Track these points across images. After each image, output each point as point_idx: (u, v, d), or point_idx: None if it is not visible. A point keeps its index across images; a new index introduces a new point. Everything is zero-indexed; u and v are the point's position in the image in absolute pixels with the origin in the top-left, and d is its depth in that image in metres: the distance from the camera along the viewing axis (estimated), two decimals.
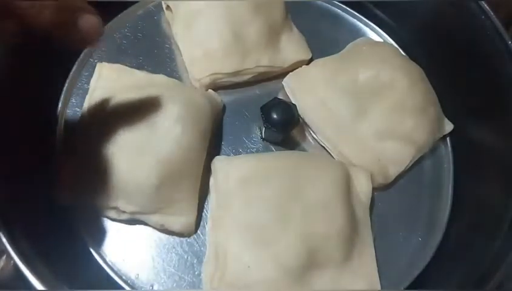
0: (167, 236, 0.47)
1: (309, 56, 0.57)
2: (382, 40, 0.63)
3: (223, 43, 0.53)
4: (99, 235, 0.47)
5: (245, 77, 0.55)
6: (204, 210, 0.49)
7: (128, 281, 0.45)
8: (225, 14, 0.53)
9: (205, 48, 0.53)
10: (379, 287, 0.46)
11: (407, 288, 0.49)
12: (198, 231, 0.48)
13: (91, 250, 0.46)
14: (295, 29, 0.58)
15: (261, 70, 0.55)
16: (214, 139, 0.52)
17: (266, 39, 0.55)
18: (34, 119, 0.49)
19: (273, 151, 0.53)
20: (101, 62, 0.52)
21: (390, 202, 0.52)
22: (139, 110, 0.46)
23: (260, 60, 0.54)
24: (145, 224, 0.47)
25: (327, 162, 0.51)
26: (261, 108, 0.49)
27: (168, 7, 0.57)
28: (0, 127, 0.45)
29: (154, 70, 0.53)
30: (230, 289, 0.43)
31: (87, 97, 0.50)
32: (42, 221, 0.44)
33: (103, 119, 0.46)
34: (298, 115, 0.50)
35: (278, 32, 0.56)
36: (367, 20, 0.64)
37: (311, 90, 0.53)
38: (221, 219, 0.45)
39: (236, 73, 0.54)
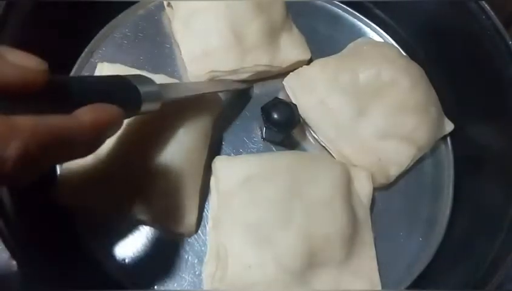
0: (167, 236, 0.47)
1: (308, 56, 0.57)
2: (382, 40, 0.63)
3: (222, 41, 0.53)
4: (99, 236, 0.47)
5: (244, 76, 0.54)
6: (205, 210, 0.49)
7: (129, 281, 0.45)
8: (226, 12, 0.53)
9: (204, 45, 0.53)
10: (379, 287, 0.46)
11: (407, 288, 0.49)
12: (199, 231, 0.48)
13: (92, 250, 0.46)
14: (295, 29, 0.58)
15: (260, 68, 0.55)
16: (214, 139, 0.52)
17: (265, 38, 0.55)
18: None
19: (273, 151, 0.53)
20: (101, 62, 0.52)
21: (390, 202, 0.52)
22: None
23: (259, 60, 0.54)
24: (146, 223, 0.47)
25: (328, 162, 0.51)
26: (262, 108, 0.49)
27: (169, 4, 0.57)
28: None
29: (154, 70, 0.53)
30: (231, 289, 0.43)
31: None
32: (42, 221, 0.44)
33: None
34: (299, 115, 0.50)
35: (278, 32, 0.56)
36: (367, 20, 0.64)
37: (312, 90, 0.53)
38: (222, 219, 0.45)
39: (234, 71, 0.54)
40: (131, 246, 0.47)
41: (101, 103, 0.32)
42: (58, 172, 0.48)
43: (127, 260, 0.46)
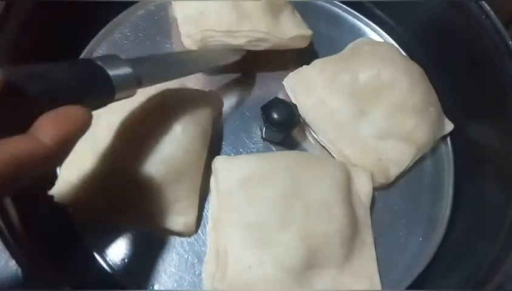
0: (167, 235, 0.47)
1: (309, 32, 0.55)
2: (382, 40, 0.63)
3: (220, 2, 0.51)
4: (99, 235, 0.47)
5: (239, 41, 0.51)
6: (205, 210, 0.49)
7: (129, 281, 0.45)
8: None
9: (200, 7, 0.51)
10: (380, 287, 0.46)
11: (407, 288, 0.49)
12: (199, 231, 0.48)
13: (92, 250, 0.46)
14: (297, 13, 0.57)
15: (258, 35, 0.51)
16: (214, 139, 0.52)
17: (266, 9, 0.52)
18: None
19: (273, 151, 0.53)
20: None
21: (390, 202, 0.52)
22: (139, 110, 0.46)
23: (257, 26, 0.51)
24: (146, 223, 0.47)
25: (328, 162, 0.51)
26: (262, 108, 0.49)
27: None
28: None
29: None
30: (231, 289, 0.43)
31: None
32: (42, 221, 0.44)
33: (103, 120, 0.46)
34: (299, 115, 0.50)
35: (279, 9, 0.54)
36: (367, 20, 0.64)
37: (311, 90, 0.53)
38: (222, 218, 0.45)
39: (229, 33, 0.51)
40: (131, 246, 0.47)
41: (63, 107, 0.29)
42: (58, 172, 0.48)
43: (127, 260, 0.46)
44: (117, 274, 0.45)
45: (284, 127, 0.49)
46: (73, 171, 0.46)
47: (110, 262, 0.46)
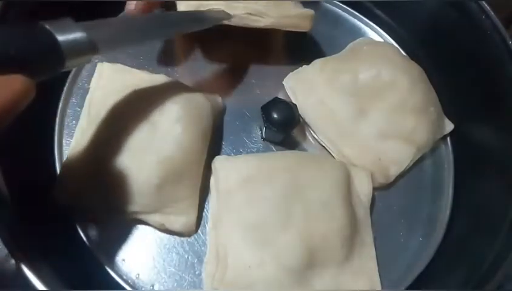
0: (167, 235, 0.47)
1: (311, 11, 0.53)
2: (382, 40, 0.63)
3: None
4: (99, 235, 0.47)
5: (238, 11, 0.49)
6: (205, 210, 0.49)
7: (129, 281, 0.45)
8: None
9: None
10: (379, 287, 0.46)
11: (407, 288, 0.49)
12: (199, 231, 0.48)
13: (92, 250, 0.46)
14: (299, 3, 0.55)
15: (257, 6, 0.49)
16: (214, 139, 0.52)
17: None
18: (34, 119, 0.49)
19: (273, 151, 0.53)
20: (102, 61, 0.52)
21: (390, 202, 0.52)
22: (139, 110, 0.46)
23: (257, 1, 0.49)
24: (146, 223, 0.47)
25: (328, 162, 0.51)
26: (262, 108, 0.49)
27: None
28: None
29: (154, 70, 0.53)
30: (231, 289, 0.43)
31: (88, 96, 0.50)
32: (43, 221, 0.44)
33: (104, 119, 0.46)
34: (299, 115, 0.50)
35: None
36: (367, 20, 0.64)
37: (311, 90, 0.53)
38: (222, 218, 0.46)
39: (227, 2, 0.49)
40: (131, 246, 0.47)
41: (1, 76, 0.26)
42: (58, 172, 0.48)
43: (127, 260, 0.46)
44: (117, 274, 0.45)
45: (284, 127, 0.49)
46: (72, 171, 0.46)
47: (110, 262, 0.46)
